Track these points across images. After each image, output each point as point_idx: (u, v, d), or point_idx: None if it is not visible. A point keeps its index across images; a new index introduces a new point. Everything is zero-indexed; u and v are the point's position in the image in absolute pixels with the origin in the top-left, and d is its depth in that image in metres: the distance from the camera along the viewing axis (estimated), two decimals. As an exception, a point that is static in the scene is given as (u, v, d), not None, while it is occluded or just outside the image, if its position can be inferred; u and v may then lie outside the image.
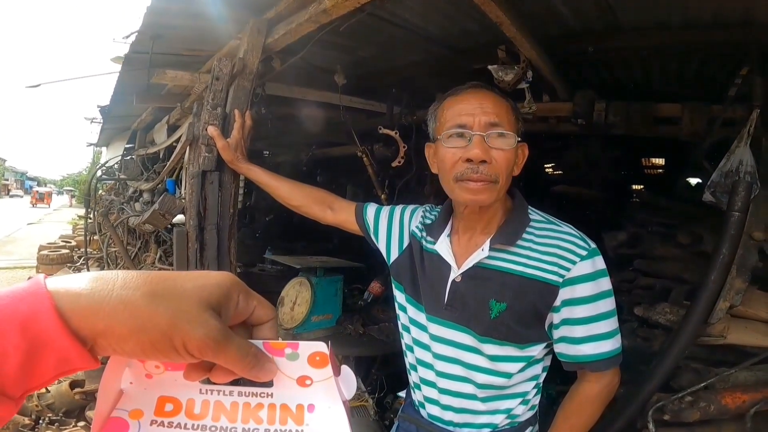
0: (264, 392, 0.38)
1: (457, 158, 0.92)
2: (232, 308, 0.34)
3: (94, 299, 0.29)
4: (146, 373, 0.37)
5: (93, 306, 0.29)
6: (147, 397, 0.38)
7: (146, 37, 1.67)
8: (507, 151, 0.92)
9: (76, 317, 0.28)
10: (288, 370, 0.37)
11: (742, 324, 1.59)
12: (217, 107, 1.36)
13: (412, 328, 1.10)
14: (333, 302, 2.44)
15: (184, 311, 0.31)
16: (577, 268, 0.93)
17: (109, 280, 0.30)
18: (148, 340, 0.30)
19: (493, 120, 0.92)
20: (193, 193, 1.33)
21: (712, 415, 1.46)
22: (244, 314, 0.36)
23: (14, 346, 0.27)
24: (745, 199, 1.34)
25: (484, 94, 0.95)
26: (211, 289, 0.33)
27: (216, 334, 0.31)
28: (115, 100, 2.71)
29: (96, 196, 3.68)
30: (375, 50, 2.07)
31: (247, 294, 0.36)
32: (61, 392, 2.55)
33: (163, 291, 0.31)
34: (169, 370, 0.37)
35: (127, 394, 0.38)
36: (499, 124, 0.92)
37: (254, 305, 0.36)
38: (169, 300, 0.30)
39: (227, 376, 0.35)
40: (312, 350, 0.36)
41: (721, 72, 1.70)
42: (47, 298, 0.28)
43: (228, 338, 0.32)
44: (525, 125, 2.44)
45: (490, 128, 0.92)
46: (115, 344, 0.30)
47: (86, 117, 5.15)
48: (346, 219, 1.27)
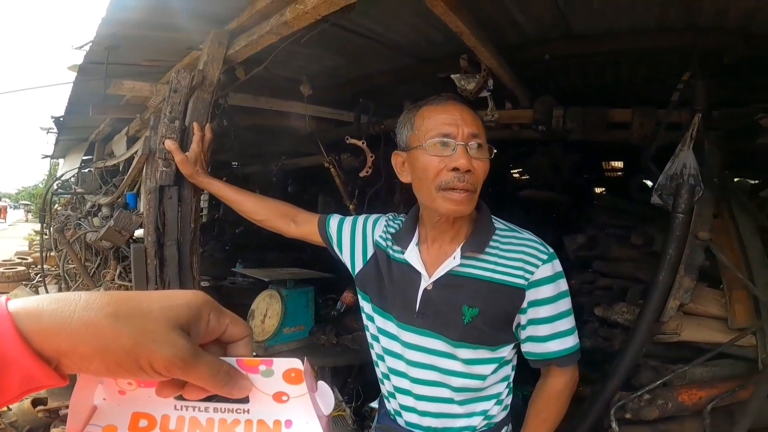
0: (240, 408, 0.38)
1: (442, 167, 0.94)
2: (202, 327, 0.34)
3: (56, 320, 0.29)
4: (119, 390, 0.37)
5: (54, 327, 0.28)
6: (121, 413, 0.37)
7: (101, 47, 1.62)
8: (485, 162, 0.97)
9: (38, 338, 0.28)
10: (263, 386, 0.37)
11: (695, 321, 1.68)
12: (174, 120, 1.33)
13: (381, 338, 1.10)
14: (305, 313, 2.42)
15: (150, 331, 0.30)
16: (540, 271, 0.99)
17: (72, 301, 0.30)
18: (113, 360, 0.30)
19: (474, 131, 0.96)
20: (151, 209, 1.29)
21: (671, 412, 1.51)
22: (216, 332, 0.36)
23: None
24: (688, 200, 1.42)
25: (463, 107, 0.99)
26: (179, 309, 0.32)
27: (184, 353, 0.31)
28: (70, 111, 2.61)
29: (51, 210, 3.50)
30: (342, 60, 2.08)
31: (219, 312, 0.36)
32: (23, 410, 2.45)
33: (127, 312, 0.30)
34: (141, 387, 0.37)
35: (101, 410, 0.37)
36: (479, 136, 0.96)
37: (227, 323, 0.36)
38: (134, 320, 0.30)
39: (200, 393, 0.35)
40: (287, 367, 0.36)
41: (669, 77, 1.80)
42: (8, 318, 0.28)
43: (197, 356, 0.32)
44: (490, 132, 2.50)
45: (472, 139, 0.95)
46: (79, 363, 0.30)
47: (42, 127, 4.90)
48: (309, 231, 1.26)
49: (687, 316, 1.67)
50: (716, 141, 1.58)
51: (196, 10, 1.42)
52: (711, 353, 1.55)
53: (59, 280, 3.62)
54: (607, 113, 2.03)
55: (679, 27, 1.54)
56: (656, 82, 2.06)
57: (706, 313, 1.68)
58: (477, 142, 0.95)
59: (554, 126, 2.15)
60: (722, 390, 1.52)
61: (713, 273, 1.68)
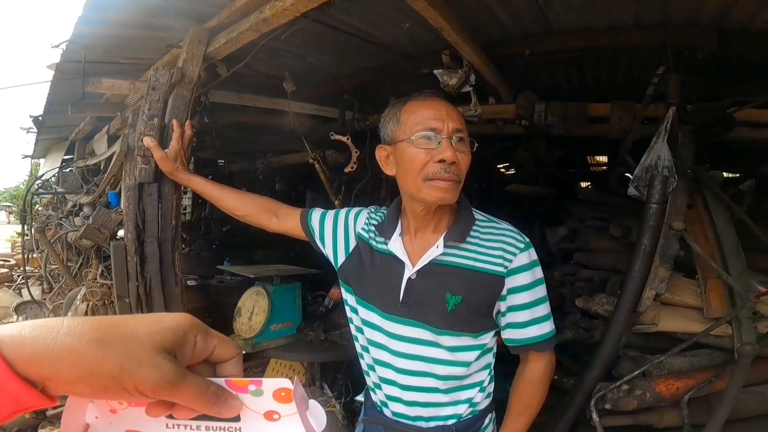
0: (232, 427, 0.38)
1: (428, 159, 0.98)
2: (188, 350, 0.34)
3: (38, 347, 0.29)
4: (110, 408, 0.37)
5: (37, 354, 0.29)
6: (113, 431, 0.37)
7: (78, 46, 1.60)
8: (467, 155, 1.01)
9: (22, 364, 0.29)
10: (254, 405, 0.37)
11: (672, 311, 1.71)
12: (153, 117, 1.32)
13: (365, 329, 1.12)
14: (292, 310, 2.41)
15: (134, 356, 0.31)
16: (518, 259, 1.03)
17: (53, 328, 0.30)
18: (99, 384, 0.30)
19: (458, 126, 1.00)
20: (130, 206, 1.29)
21: (649, 402, 1.54)
22: (204, 354, 0.36)
23: None
24: (661, 191, 1.45)
25: (446, 103, 1.03)
26: (165, 334, 0.33)
27: (171, 376, 0.31)
28: (50, 110, 2.56)
29: (32, 210, 3.44)
30: (324, 57, 2.07)
31: (206, 333, 0.36)
32: None
33: (112, 337, 0.31)
34: (132, 406, 0.37)
35: (93, 428, 0.38)
36: (462, 130, 1.01)
37: (214, 344, 0.37)
38: (118, 345, 0.30)
39: (190, 413, 0.35)
40: (276, 387, 0.36)
41: (647, 72, 1.84)
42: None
43: (182, 378, 0.32)
44: (474, 127, 2.50)
45: (456, 133, 1.00)
46: (64, 387, 0.30)
47: (22, 127, 4.80)
48: (292, 226, 1.27)
49: (664, 306, 1.71)
50: (690, 134, 1.62)
51: (175, 8, 1.41)
52: (686, 343, 1.59)
53: (42, 281, 3.56)
54: (586, 108, 2.06)
55: (653, 24, 1.57)
56: (634, 77, 2.10)
57: (683, 303, 1.71)
58: (460, 136, 1.00)
59: (536, 121, 2.18)
60: (699, 380, 1.56)
61: (689, 263, 1.72)
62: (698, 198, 1.72)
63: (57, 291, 3.02)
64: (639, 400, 1.52)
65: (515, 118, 2.26)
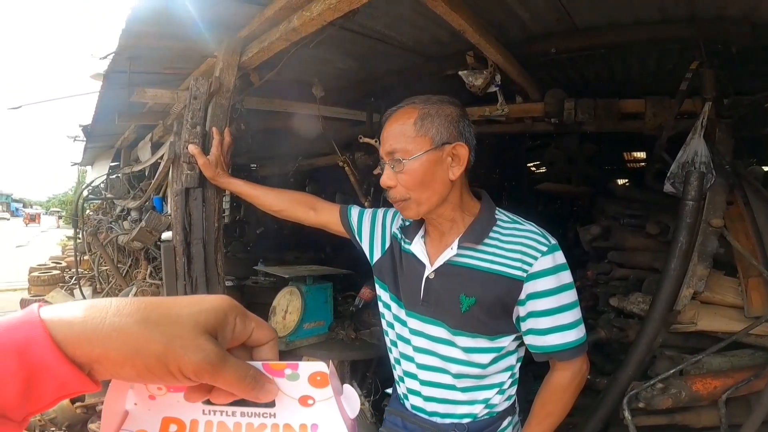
0: (267, 412, 0.38)
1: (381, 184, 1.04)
2: (229, 332, 0.34)
3: (87, 327, 0.29)
4: (149, 395, 0.38)
5: (87, 334, 0.29)
6: (151, 418, 0.38)
7: (123, 57, 1.71)
8: (405, 173, 0.99)
9: (71, 345, 0.29)
10: (289, 390, 0.37)
11: (712, 310, 1.65)
12: (196, 126, 1.40)
13: (395, 324, 1.16)
14: (324, 309, 2.48)
15: (179, 337, 0.31)
16: (539, 263, 0.99)
17: (102, 308, 0.30)
18: (144, 366, 0.30)
19: (390, 148, 1.01)
20: (178, 210, 1.37)
21: (685, 401, 1.50)
22: (242, 336, 0.36)
23: (12, 373, 0.28)
24: (698, 187, 1.41)
25: (392, 120, 1.03)
26: (207, 315, 0.33)
27: (212, 358, 0.31)
28: (97, 119, 2.72)
29: (83, 215, 3.68)
30: (352, 61, 2.13)
31: (245, 316, 0.36)
32: (62, 407, 2.57)
33: (157, 317, 0.31)
34: (171, 392, 0.37)
35: (132, 415, 0.38)
36: (394, 151, 1.00)
37: (252, 327, 0.36)
38: (163, 326, 0.31)
39: (227, 398, 0.36)
40: (312, 370, 0.36)
41: (679, 67, 1.78)
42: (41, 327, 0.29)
43: (225, 361, 0.32)
44: (503, 126, 2.48)
45: (389, 156, 1.01)
46: (111, 369, 0.30)
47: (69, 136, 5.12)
48: (328, 220, 1.32)
49: (704, 305, 1.65)
50: (727, 128, 1.57)
51: (208, 19, 1.49)
52: (725, 342, 1.54)
53: (93, 281, 3.80)
54: (618, 104, 2.02)
55: (681, 18, 1.53)
56: (667, 72, 2.04)
57: (723, 302, 1.66)
58: (394, 157, 1.00)
59: (566, 118, 2.15)
60: (738, 379, 1.50)
61: (729, 261, 1.66)
62: (738, 194, 1.65)
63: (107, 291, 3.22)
64: (674, 398, 1.48)
65: (544, 116, 2.24)
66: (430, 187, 1.00)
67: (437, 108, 1.01)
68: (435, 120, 1.00)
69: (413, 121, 0.99)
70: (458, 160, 1.01)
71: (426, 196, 1.01)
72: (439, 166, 1.00)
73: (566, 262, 1.03)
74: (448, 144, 0.99)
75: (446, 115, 1.00)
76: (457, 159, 1.01)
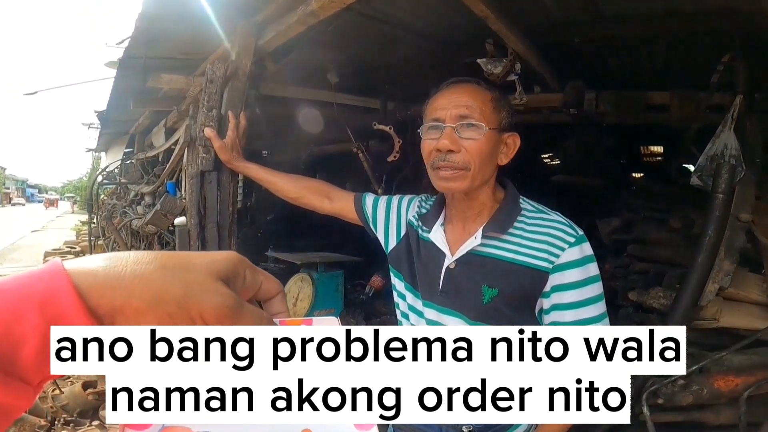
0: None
1: (432, 148, 0.99)
2: (239, 282, 0.35)
3: (110, 275, 0.30)
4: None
5: (110, 281, 0.29)
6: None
7: (139, 42, 1.70)
8: (477, 141, 0.96)
9: (95, 295, 0.29)
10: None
11: (735, 307, 1.61)
12: (212, 109, 1.39)
13: (410, 315, 1.13)
14: (334, 297, 2.48)
15: (197, 282, 0.31)
16: (566, 254, 0.96)
17: (123, 258, 0.31)
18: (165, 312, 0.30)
19: (463, 112, 0.97)
20: (193, 193, 1.37)
21: (705, 398, 1.47)
22: (252, 289, 0.37)
23: (33, 327, 0.27)
24: (728, 181, 1.36)
25: (461, 89, 1.00)
26: (219, 264, 0.33)
27: (231, 302, 0.32)
28: (112, 105, 2.74)
29: (98, 201, 3.71)
30: (367, 48, 2.09)
31: (253, 270, 0.37)
32: (74, 393, 2.61)
33: (173, 265, 0.32)
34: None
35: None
36: (468, 116, 0.97)
37: (261, 280, 0.37)
38: (181, 273, 0.31)
39: None
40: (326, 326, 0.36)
41: (708, 60, 1.72)
42: (65, 276, 0.29)
43: (242, 305, 0.33)
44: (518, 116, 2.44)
45: (460, 120, 0.97)
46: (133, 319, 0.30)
47: (84, 123, 5.17)
48: (343, 207, 1.30)
49: (727, 302, 1.61)
50: (759, 123, 1.51)
51: (225, 2, 1.47)
52: (748, 339, 1.50)
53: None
54: (643, 96, 1.97)
55: (716, 10, 1.48)
56: (694, 64, 1.97)
57: (747, 298, 1.61)
58: (466, 122, 0.96)
59: (586, 109, 2.10)
60: (760, 377, 1.47)
61: (755, 257, 1.61)
62: (767, 189, 1.60)
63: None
64: (695, 395, 1.45)
65: (562, 107, 2.19)
66: (487, 164, 0.99)
67: (504, 96, 1.04)
68: (505, 106, 1.02)
69: (490, 99, 1.00)
70: (509, 149, 1.03)
71: (482, 171, 0.99)
72: (497, 149, 1.01)
73: (593, 254, 1.00)
74: (506, 131, 1.02)
75: (510, 105, 1.04)
76: (507, 148, 1.03)
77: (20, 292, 0.28)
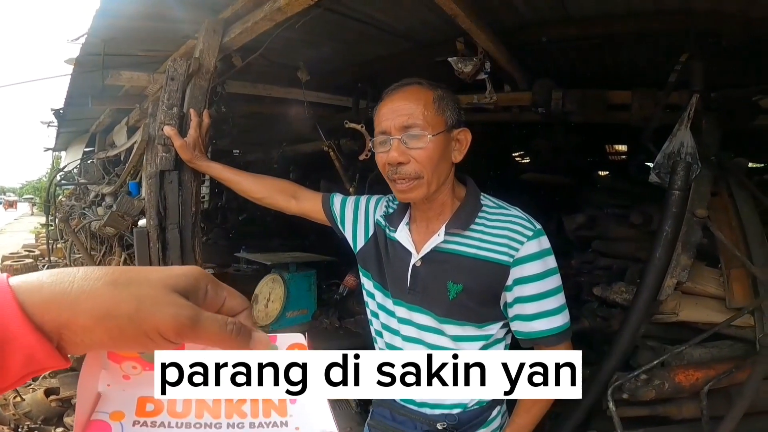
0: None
1: (384, 162, 0.99)
2: (200, 297, 0.33)
3: (55, 291, 0.29)
4: (123, 374, 0.37)
5: (55, 297, 0.28)
6: (126, 399, 0.37)
7: (97, 39, 1.62)
8: (424, 149, 0.96)
9: (39, 310, 0.28)
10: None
11: (693, 300, 1.67)
12: (173, 107, 1.34)
13: (380, 314, 1.13)
14: (307, 297, 2.45)
15: (150, 296, 0.30)
16: (525, 248, 0.98)
17: (70, 273, 0.30)
18: (116, 328, 0.29)
19: (406, 122, 0.96)
20: (152, 193, 1.32)
21: (668, 393, 1.51)
22: (215, 305, 0.35)
23: None
24: (684, 177, 1.42)
25: (402, 95, 0.99)
26: (177, 278, 0.32)
27: (188, 311, 0.30)
28: (70, 103, 2.61)
29: (56, 201, 3.54)
30: (338, 46, 2.07)
31: (216, 285, 0.35)
32: (36, 400, 2.51)
33: (126, 280, 0.30)
34: (146, 370, 0.36)
35: (106, 397, 0.37)
36: (412, 125, 0.96)
37: (224, 296, 0.35)
38: (132, 287, 0.30)
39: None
40: (290, 341, 0.36)
41: (669, 59, 1.78)
42: (8, 292, 0.28)
43: (201, 313, 0.31)
44: (490, 115, 2.46)
45: (404, 131, 0.96)
46: (81, 335, 0.29)
47: (42, 121, 4.90)
48: (311, 208, 1.28)
49: (686, 296, 1.67)
50: (714, 121, 1.58)
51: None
52: (707, 333, 1.56)
53: (67, 270, 3.66)
54: (606, 95, 2.02)
55: (674, 10, 1.53)
56: (656, 64, 2.04)
57: (705, 292, 1.68)
58: (411, 132, 0.96)
59: (554, 108, 2.14)
60: (719, 371, 1.52)
61: (712, 252, 1.68)
62: (722, 185, 1.67)
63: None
64: (657, 390, 1.49)
65: (531, 106, 2.23)
66: (439, 168, 0.99)
67: (448, 92, 1.02)
68: (450, 103, 1.01)
69: (432, 100, 0.98)
70: (461, 145, 1.02)
71: (436, 175, 0.99)
72: (448, 149, 1.00)
73: (551, 247, 1.02)
74: (455, 128, 1.01)
75: (455, 101, 1.02)
76: (459, 144, 1.02)
77: None
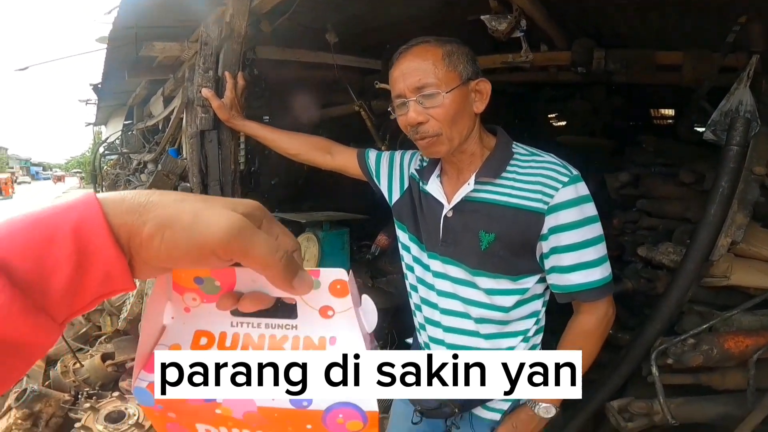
0: (289, 324, 0.39)
1: (405, 124, 1.00)
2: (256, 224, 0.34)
3: (134, 203, 0.31)
4: (185, 307, 0.39)
5: (133, 208, 0.31)
6: (185, 332, 0.39)
7: (128, 12, 1.65)
8: (441, 106, 0.95)
9: (118, 221, 0.30)
10: (311, 299, 0.37)
11: (746, 264, 1.56)
12: (208, 70, 1.37)
13: (415, 267, 1.14)
14: (340, 256, 2.47)
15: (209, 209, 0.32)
16: (560, 194, 0.94)
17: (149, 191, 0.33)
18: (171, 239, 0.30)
19: (418, 83, 0.96)
20: (194, 152, 1.38)
21: (715, 359, 1.43)
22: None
23: (66, 256, 0.28)
24: (743, 133, 1.32)
25: (411, 55, 0.98)
26: (237, 203, 0.33)
27: (241, 224, 0.31)
28: (107, 77, 2.69)
29: (101, 171, 3.72)
30: (366, 6, 2.01)
31: (271, 220, 0.36)
32: (95, 366, 2.67)
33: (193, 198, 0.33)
34: (204, 302, 0.38)
35: (168, 329, 0.39)
36: (424, 85, 0.95)
37: (277, 233, 0.36)
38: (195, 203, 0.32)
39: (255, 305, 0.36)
40: (333, 278, 0.36)
41: (720, 21, 1.64)
42: (96, 204, 0.30)
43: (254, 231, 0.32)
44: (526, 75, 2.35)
45: (418, 92, 0.96)
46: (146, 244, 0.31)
47: (80, 99, 5.10)
48: (345, 163, 1.30)
49: (738, 259, 1.56)
50: (774, 82, 1.45)
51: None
52: (759, 298, 1.47)
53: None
54: (653, 55, 1.89)
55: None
56: (705, 27, 1.87)
57: (759, 255, 1.56)
58: (425, 92, 0.95)
59: (595, 68, 2.03)
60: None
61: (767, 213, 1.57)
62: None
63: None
64: (705, 355, 1.40)
65: (570, 65, 2.11)
66: (460, 122, 0.98)
67: (457, 46, 0.99)
68: (461, 57, 0.98)
69: (441, 57, 0.96)
70: (481, 95, 1.01)
71: (457, 130, 0.98)
72: (467, 102, 0.99)
73: (590, 194, 0.98)
74: (472, 80, 0.99)
75: (467, 53, 1.00)
76: (479, 94, 1.01)
77: (55, 220, 0.29)
